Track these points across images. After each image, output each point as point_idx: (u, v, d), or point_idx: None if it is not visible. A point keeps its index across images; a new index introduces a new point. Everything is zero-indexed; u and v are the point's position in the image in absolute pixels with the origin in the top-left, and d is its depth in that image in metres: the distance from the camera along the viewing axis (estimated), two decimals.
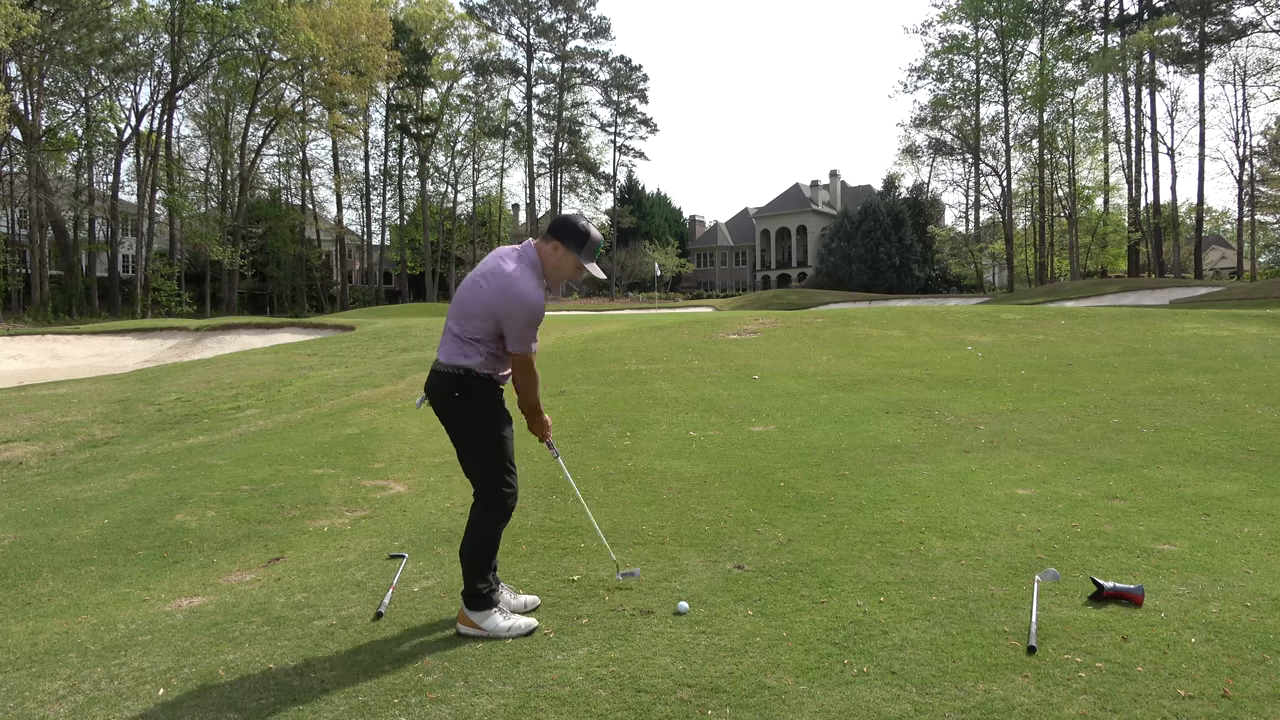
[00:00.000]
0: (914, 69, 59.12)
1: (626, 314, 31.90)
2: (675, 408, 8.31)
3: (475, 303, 3.09)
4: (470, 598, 3.14)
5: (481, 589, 3.13)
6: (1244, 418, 6.96)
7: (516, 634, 3.09)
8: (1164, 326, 14.65)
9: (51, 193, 41.91)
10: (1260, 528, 4.15)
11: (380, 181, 64.08)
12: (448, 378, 3.11)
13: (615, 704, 2.54)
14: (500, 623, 3.11)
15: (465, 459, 3.21)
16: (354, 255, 69.80)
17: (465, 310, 3.11)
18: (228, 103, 51.66)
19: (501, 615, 3.13)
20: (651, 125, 74.41)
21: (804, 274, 77.23)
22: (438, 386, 3.14)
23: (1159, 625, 2.98)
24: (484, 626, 3.10)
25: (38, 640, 3.45)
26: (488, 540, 3.17)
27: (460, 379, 3.09)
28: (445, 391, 3.12)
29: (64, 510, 5.88)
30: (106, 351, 24.65)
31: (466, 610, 3.14)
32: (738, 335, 14.42)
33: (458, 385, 3.10)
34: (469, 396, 3.10)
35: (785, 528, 4.37)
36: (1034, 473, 5.41)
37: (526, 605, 3.36)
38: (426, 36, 59.41)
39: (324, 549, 4.56)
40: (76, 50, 41.50)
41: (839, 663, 2.76)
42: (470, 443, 3.16)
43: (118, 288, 45.25)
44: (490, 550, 3.18)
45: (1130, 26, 51.39)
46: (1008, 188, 55.35)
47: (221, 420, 9.67)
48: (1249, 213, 53.45)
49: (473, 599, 3.13)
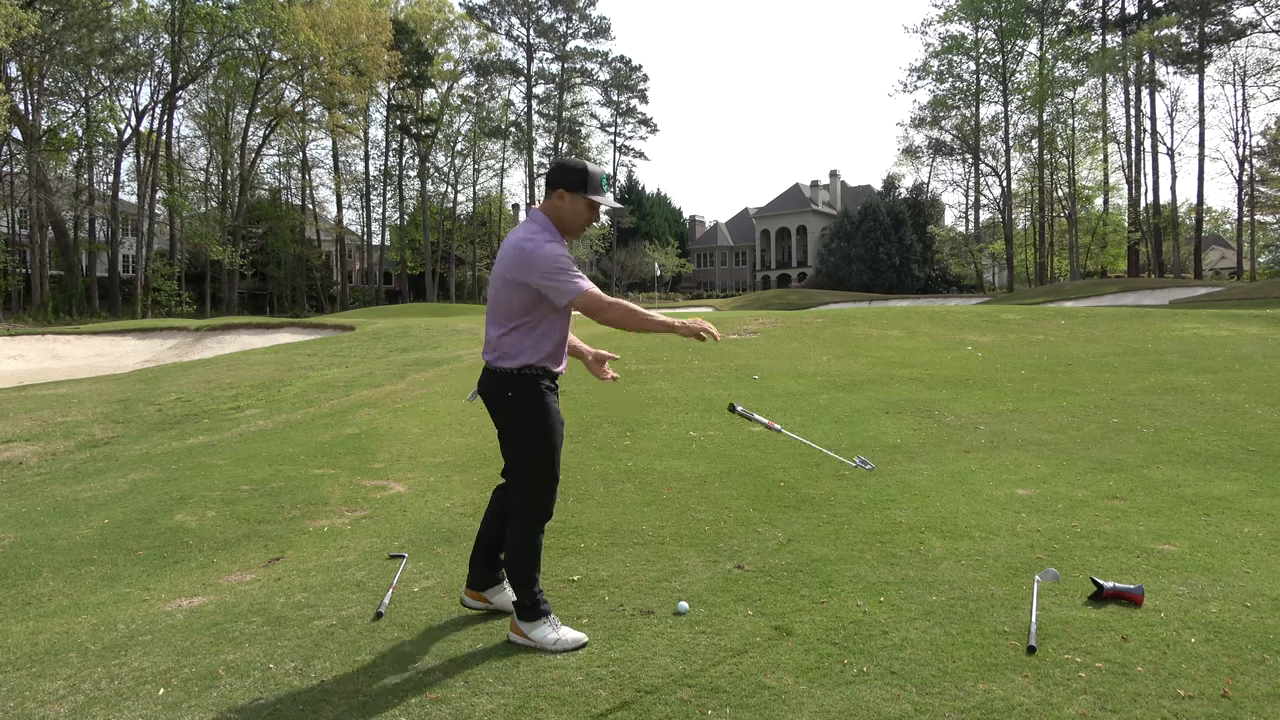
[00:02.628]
0: (914, 69, 59.20)
1: None
2: (675, 408, 8.31)
3: (498, 283, 3.00)
4: (518, 608, 3.05)
5: (526, 600, 3.04)
6: (1244, 418, 6.96)
7: (564, 648, 2.96)
8: (1164, 326, 14.64)
9: (52, 193, 41.88)
10: (1260, 528, 4.15)
11: (380, 181, 64.10)
12: (500, 376, 3.00)
13: (615, 704, 2.54)
14: (548, 634, 3.00)
15: (510, 460, 3.11)
16: (354, 255, 69.79)
17: (494, 298, 3.02)
18: (228, 103, 51.64)
19: (551, 627, 3.02)
20: (651, 125, 74.49)
21: (804, 274, 77.24)
22: (491, 385, 3.04)
23: (1159, 625, 2.98)
24: (532, 637, 3.00)
25: (38, 640, 3.45)
26: (525, 549, 3.06)
27: (510, 377, 2.98)
28: (498, 390, 3.01)
29: (64, 510, 5.88)
30: (106, 351, 24.64)
31: (516, 619, 3.06)
32: (738, 335, 14.42)
33: (510, 384, 2.99)
34: (521, 396, 2.99)
35: (785, 528, 4.37)
36: (1034, 473, 5.41)
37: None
38: (427, 37, 59.40)
39: (324, 549, 4.55)
40: (77, 50, 41.49)
41: (839, 663, 2.76)
42: (518, 444, 3.05)
43: (118, 288, 45.23)
44: (530, 559, 3.07)
45: (1130, 26, 51.40)
46: (1007, 188, 55.35)
47: (221, 420, 9.66)
48: (1249, 213, 53.47)
49: (520, 609, 3.05)
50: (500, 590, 3.35)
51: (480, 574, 3.35)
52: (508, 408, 3.01)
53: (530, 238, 2.95)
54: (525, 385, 2.99)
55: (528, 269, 2.90)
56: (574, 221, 3.03)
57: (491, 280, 3.08)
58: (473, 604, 3.37)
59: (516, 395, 2.99)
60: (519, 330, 2.98)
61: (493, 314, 3.05)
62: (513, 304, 2.96)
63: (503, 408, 3.03)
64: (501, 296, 2.99)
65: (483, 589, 3.35)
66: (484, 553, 3.34)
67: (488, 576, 3.35)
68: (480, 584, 3.35)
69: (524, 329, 2.98)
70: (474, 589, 3.37)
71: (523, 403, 3.00)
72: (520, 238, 2.97)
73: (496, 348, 3.01)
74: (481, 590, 3.36)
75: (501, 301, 3.00)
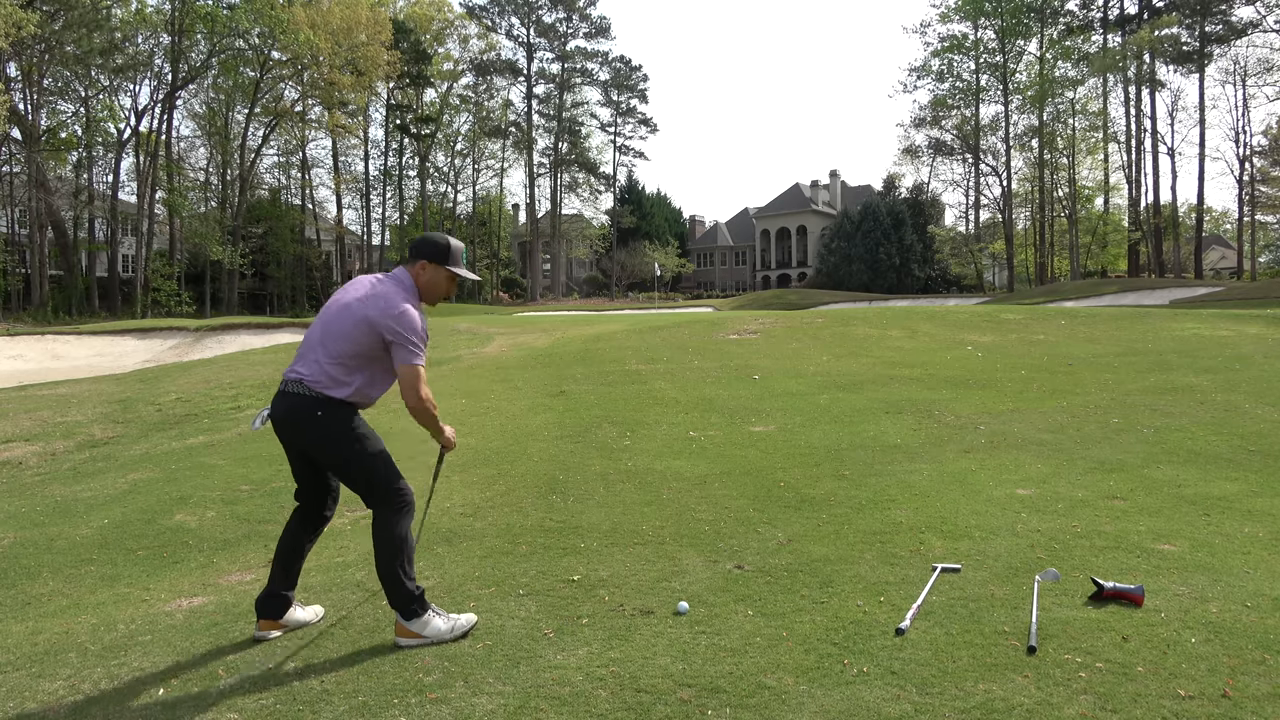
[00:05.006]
0: (914, 69, 59.13)
1: (626, 314, 31.90)
2: (675, 408, 8.31)
3: (349, 322, 3.03)
4: (403, 609, 3.03)
5: (407, 598, 3.02)
6: (1244, 418, 6.96)
7: (460, 632, 3.04)
8: (1164, 326, 14.64)
9: (51, 193, 41.85)
10: (1260, 528, 4.15)
11: (380, 181, 64.09)
12: (309, 400, 3.00)
13: (615, 704, 2.54)
14: (440, 626, 3.03)
15: (345, 478, 3.12)
16: (354, 255, 69.79)
17: (338, 332, 3.04)
18: (227, 103, 51.60)
19: (440, 618, 3.05)
20: (651, 125, 74.35)
21: (804, 274, 77.22)
22: (297, 409, 3.02)
23: (1159, 625, 2.98)
24: (425, 634, 3.01)
25: (38, 640, 3.44)
26: (401, 542, 3.06)
27: (324, 401, 3.00)
28: (306, 412, 3.00)
29: (64, 510, 5.88)
30: (106, 351, 24.65)
31: (403, 622, 3.03)
32: (738, 335, 14.42)
33: (321, 406, 3.00)
34: (333, 418, 3.01)
35: (785, 528, 4.37)
36: (1034, 473, 5.41)
37: (317, 615, 3.34)
38: (426, 36, 59.38)
39: (324, 549, 4.55)
40: (76, 50, 41.44)
41: (839, 663, 2.76)
42: (348, 460, 3.06)
43: (118, 288, 45.22)
44: (407, 551, 3.07)
45: (1130, 26, 51.39)
46: (1008, 188, 55.34)
47: (221, 420, 9.66)
48: (1249, 213, 53.44)
49: (405, 609, 3.03)
50: (294, 610, 3.27)
51: (278, 602, 3.22)
52: (316, 427, 3.02)
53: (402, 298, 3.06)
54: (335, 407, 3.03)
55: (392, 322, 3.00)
56: (434, 289, 3.20)
57: (336, 312, 3.10)
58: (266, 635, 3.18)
59: (326, 414, 3.02)
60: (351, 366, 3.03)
61: (324, 341, 3.06)
62: (353, 344, 3.02)
63: (310, 428, 3.03)
64: (345, 332, 3.03)
65: (279, 616, 3.22)
66: (285, 571, 3.25)
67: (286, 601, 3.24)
68: (277, 612, 3.21)
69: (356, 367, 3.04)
70: (270, 618, 3.20)
71: (331, 421, 3.02)
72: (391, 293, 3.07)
73: (315, 373, 3.02)
74: (278, 618, 3.22)
75: (343, 337, 3.03)
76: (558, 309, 46.21)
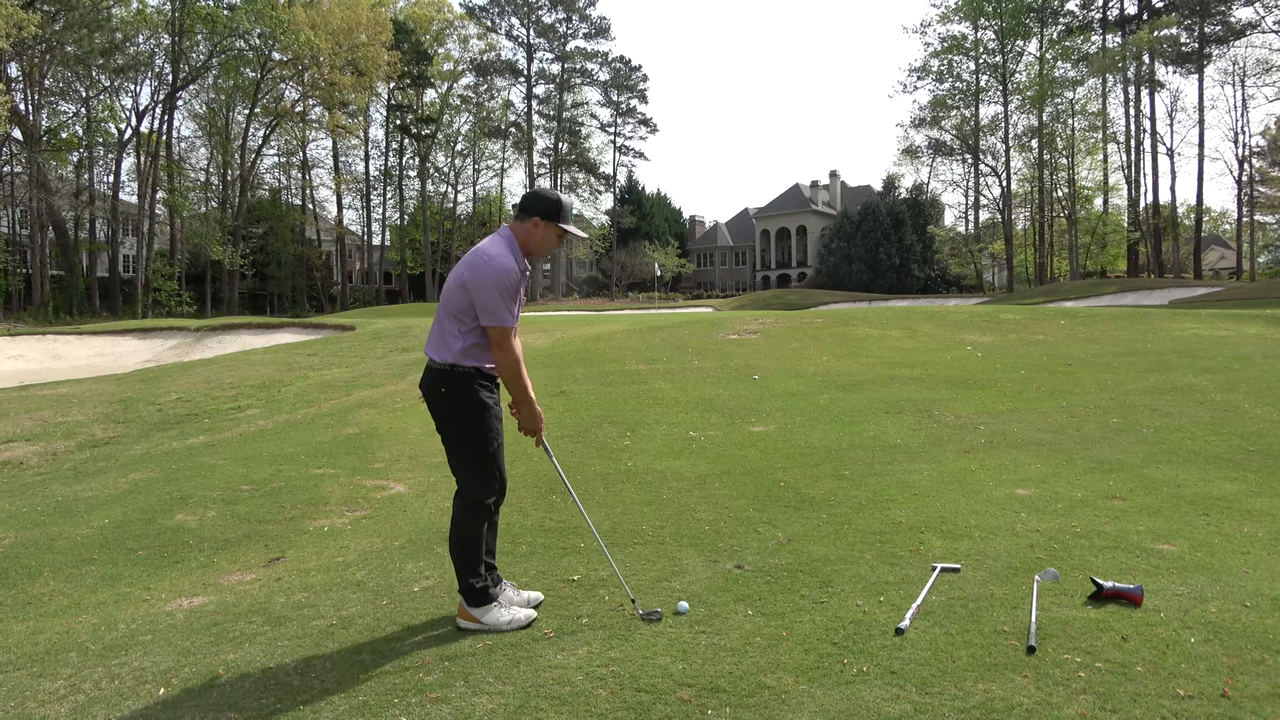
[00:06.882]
0: (914, 69, 59.09)
1: (626, 314, 31.89)
2: (675, 408, 8.31)
3: (452, 285, 3.14)
4: (467, 593, 3.17)
5: (475, 584, 3.16)
6: (1244, 418, 6.97)
7: (518, 626, 3.14)
8: (1163, 326, 14.64)
9: (52, 193, 41.89)
10: (1260, 528, 4.15)
11: (380, 181, 64.13)
12: (435, 373, 3.14)
13: (615, 704, 2.54)
14: (501, 616, 3.16)
15: (450, 454, 3.22)
16: (354, 255, 69.83)
17: (445, 296, 3.16)
18: (228, 103, 51.63)
19: (501, 609, 3.18)
20: (651, 125, 74.37)
21: (804, 274, 77.24)
22: (427, 382, 3.18)
23: (1158, 625, 2.98)
24: (485, 621, 3.15)
25: (38, 640, 3.45)
26: (470, 534, 3.18)
27: (445, 374, 3.11)
28: (433, 385, 3.14)
29: (64, 510, 5.88)
30: (107, 351, 24.65)
31: (466, 606, 3.18)
32: (738, 335, 14.42)
33: (443, 380, 3.12)
34: (455, 391, 3.11)
35: (785, 528, 4.37)
36: (1034, 473, 5.41)
37: (530, 601, 3.38)
38: (426, 37, 59.41)
39: (324, 549, 4.56)
40: (77, 50, 41.47)
41: (839, 663, 2.76)
42: (454, 439, 3.16)
43: (118, 288, 45.25)
44: (476, 544, 3.20)
45: (1130, 26, 51.39)
46: (1007, 188, 55.34)
47: (222, 420, 9.66)
48: (1248, 213, 53.48)
49: (469, 594, 3.17)
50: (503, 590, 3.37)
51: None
52: (440, 401, 3.14)
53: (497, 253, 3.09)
54: (455, 380, 3.11)
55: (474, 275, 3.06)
56: (544, 245, 3.22)
57: (449, 279, 3.22)
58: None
59: (449, 389, 3.12)
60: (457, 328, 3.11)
61: (440, 308, 3.19)
62: (455, 302, 3.11)
63: (437, 401, 3.15)
64: (450, 294, 3.14)
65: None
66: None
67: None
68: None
69: (461, 328, 3.11)
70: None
71: (453, 396, 3.12)
72: (486, 249, 3.14)
73: (434, 343, 3.16)
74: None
75: (448, 298, 3.14)
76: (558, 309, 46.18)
